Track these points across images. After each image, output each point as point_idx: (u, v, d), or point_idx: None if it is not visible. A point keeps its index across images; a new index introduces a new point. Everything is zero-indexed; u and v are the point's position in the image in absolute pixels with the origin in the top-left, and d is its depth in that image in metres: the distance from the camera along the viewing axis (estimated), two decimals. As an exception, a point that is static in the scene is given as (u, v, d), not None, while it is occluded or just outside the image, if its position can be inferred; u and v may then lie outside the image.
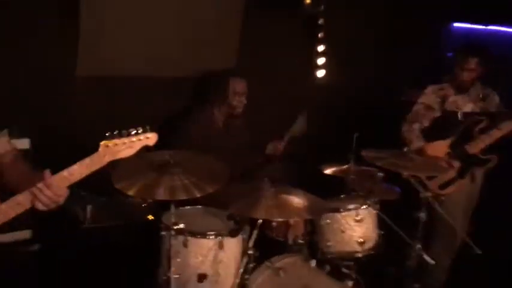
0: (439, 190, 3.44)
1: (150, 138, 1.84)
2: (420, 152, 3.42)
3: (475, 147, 3.46)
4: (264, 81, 4.02)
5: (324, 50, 4.39)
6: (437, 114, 3.52)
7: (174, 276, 2.43)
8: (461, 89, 3.50)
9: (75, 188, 1.79)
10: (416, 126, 3.51)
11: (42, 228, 2.80)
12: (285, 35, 4.17)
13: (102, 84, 3.34)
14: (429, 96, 3.53)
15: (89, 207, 2.99)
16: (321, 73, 4.45)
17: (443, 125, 3.51)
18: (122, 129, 1.83)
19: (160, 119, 3.59)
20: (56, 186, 1.70)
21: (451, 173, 3.46)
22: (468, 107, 3.52)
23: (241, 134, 3.69)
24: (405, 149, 3.06)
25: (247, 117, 3.71)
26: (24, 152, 2.79)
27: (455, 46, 4.27)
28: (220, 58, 3.83)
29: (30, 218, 1.83)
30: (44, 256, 2.87)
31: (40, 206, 1.71)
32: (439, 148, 3.46)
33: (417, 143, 3.46)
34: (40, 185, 1.68)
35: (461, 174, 3.49)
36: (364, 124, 4.10)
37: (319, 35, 4.31)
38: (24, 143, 2.85)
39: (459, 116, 3.49)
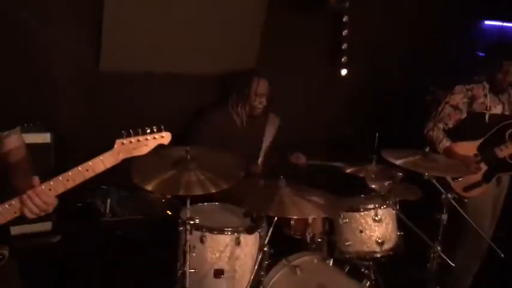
0: (463, 192, 3.38)
1: (165, 137, 1.88)
2: (448, 151, 3.36)
3: (504, 152, 3.39)
4: (287, 79, 4.00)
5: (348, 47, 4.33)
6: (463, 115, 3.43)
7: (190, 270, 2.44)
8: (496, 91, 3.43)
9: (96, 182, 1.82)
10: (441, 126, 3.45)
11: (62, 220, 2.87)
12: (309, 32, 4.14)
13: (125, 78, 3.37)
14: (457, 96, 3.44)
15: (109, 201, 3.04)
16: (344, 71, 4.40)
17: (469, 126, 3.43)
18: (141, 124, 1.86)
19: (181, 115, 3.61)
20: (46, 194, 1.71)
21: (477, 176, 3.39)
22: (497, 109, 3.44)
23: (262, 134, 3.66)
24: (427, 149, 3.00)
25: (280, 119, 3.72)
26: (46, 146, 2.87)
27: (487, 45, 4.17)
28: (241, 57, 3.82)
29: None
30: (65, 247, 2.93)
31: (27, 214, 1.72)
32: (467, 149, 3.39)
33: (445, 142, 3.40)
34: (29, 192, 1.70)
35: (487, 178, 3.42)
36: (387, 123, 4.07)
37: (344, 33, 4.26)
38: (45, 137, 2.90)
39: (486, 118, 3.41)
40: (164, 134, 1.88)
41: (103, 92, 3.32)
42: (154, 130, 1.85)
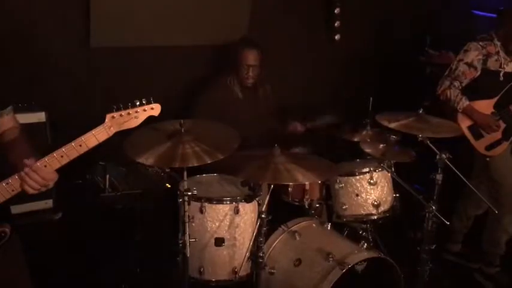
0: (485, 151, 3.42)
1: (155, 108, 1.91)
2: (469, 110, 3.38)
3: None
4: (280, 46, 3.98)
5: (341, 12, 4.30)
6: (478, 73, 3.38)
7: (190, 240, 2.49)
8: (509, 49, 3.39)
9: (95, 158, 1.84)
10: (456, 84, 3.39)
11: (63, 197, 2.91)
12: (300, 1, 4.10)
13: (116, 55, 3.36)
14: (472, 54, 3.37)
15: (108, 176, 3.08)
16: (338, 36, 4.37)
17: (483, 85, 3.40)
18: (135, 98, 1.88)
19: (175, 88, 3.62)
20: (44, 170, 1.73)
21: (497, 134, 3.42)
22: (509, 67, 3.41)
23: (262, 104, 3.64)
24: (420, 111, 3.01)
25: (273, 86, 3.70)
26: (40, 125, 2.89)
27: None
28: (233, 27, 3.78)
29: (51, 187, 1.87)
30: (67, 224, 2.99)
31: (29, 190, 1.75)
32: (484, 107, 3.40)
33: (464, 101, 3.38)
34: (26, 169, 1.72)
35: (506, 136, 3.44)
36: (381, 87, 4.07)
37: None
38: (40, 116, 2.92)
39: (501, 76, 3.39)
40: (154, 105, 1.90)
41: (95, 69, 3.32)
42: (144, 102, 1.88)
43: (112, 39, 3.31)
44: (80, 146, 1.78)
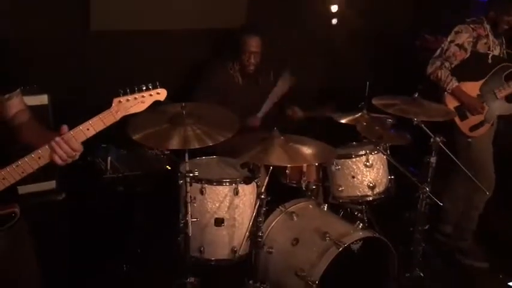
0: (469, 132, 3.50)
1: (161, 93, 1.94)
2: (457, 92, 3.43)
3: (502, 93, 3.49)
4: (277, 30, 4.00)
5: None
6: (467, 55, 3.44)
7: (192, 220, 2.56)
8: (498, 32, 3.46)
9: (96, 140, 1.89)
10: (447, 65, 3.44)
11: (66, 178, 2.95)
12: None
13: (117, 38, 3.38)
14: (463, 35, 3.42)
15: (109, 158, 3.12)
16: (335, 20, 4.39)
17: (472, 66, 3.46)
18: (136, 81, 1.91)
19: (176, 72, 3.64)
20: (73, 141, 1.78)
21: (480, 116, 3.50)
22: (497, 51, 3.49)
23: (262, 91, 3.65)
24: (416, 95, 3.07)
25: (275, 73, 3.71)
26: (43, 108, 2.92)
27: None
28: (231, 9, 3.80)
29: (54, 169, 1.91)
30: (70, 204, 3.04)
31: (57, 160, 1.80)
32: (470, 89, 3.47)
33: (454, 82, 3.43)
34: (58, 139, 1.77)
35: (488, 118, 3.53)
36: (377, 71, 4.11)
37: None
38: (42, 99, 2.94)
39: (489, 58, 3.46)
40: (160, 90, 1.93)
41: (95, 52, 3.34)
42: (150, 87, 1.91)
43: (112, 22, 3.32)
44: (88, 129, 1.82)
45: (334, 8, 4.31)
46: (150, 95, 1.91)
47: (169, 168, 3.22)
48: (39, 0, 3.06)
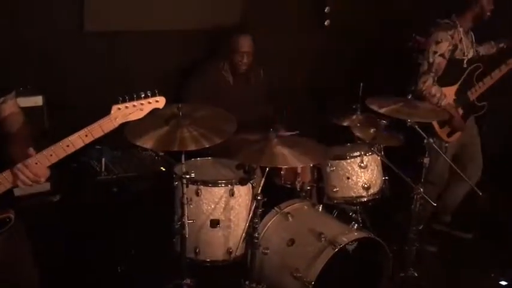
0: (447, 138, 3.52)
1: (159, 101, 1.94)
2: (449, 107, 3.39)
3: (474, 94, 3.53)
4: (271, 32, 4.01)
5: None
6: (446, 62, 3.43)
7: (188, 221, 2.56)
8: (467, 31, 3.45)
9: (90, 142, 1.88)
10: (436, 78, 3.38)
11: (61, 180, 2.94)
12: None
13: (111, 39, 3.37)
14: (443, 45, 3.37)
15: (103, 160, 3.11)
16: (327, 22, 4.41)
17: (447, 72, 3.45)
18: (130, 84, 1.91)
19: (170, 73, 3.64)
20: (36, 166, 1.76)
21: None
22: (470, 53, 3.50)
23: (253, 91, 3.68)
24: (409, 97, 3.11)
25: (265, 71, 3.73)
26: (37, 109, 2.90)
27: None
28: (226, 11, 3.81)
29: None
30: (65, 206, 3.03)
31: (20, 185, 1.79)
32: (448, 94, 3.46)
33: (445, 99, 3.39)
34: (19, 165, 1.75)
35: (464, 120, 3.55)
36: (370, 73, 4.14)
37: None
38: (37, 100, 2.93)
39: (464, 63, 3.49)
40: (159, 98, 1.93)
41: (89, 53, 3.32)
42: (149, 95, 1.91)
43: (106, 23, 3.31)
44: (86, 136, 1.81)
45: (327, 9, 4.33)
46: (149, 102, 1.91)
47: (163, 169, 3.22)
48: (33, 1, 3.03)
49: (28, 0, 3.03)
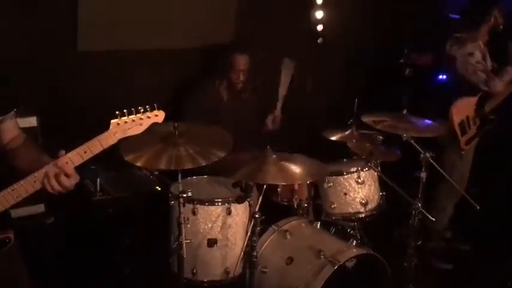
0: (465, 146, 3.57)
1: (159, 115, 1.90)
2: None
3: (488, 106, 3.60)
4: (265, 49, 4.04)
5: (323, 15, 4.38)
6: None
7: (185, 241, 2.52)
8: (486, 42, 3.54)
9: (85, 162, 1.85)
10: (492, 75, 3.47)
11: (55, 201, 2.90)
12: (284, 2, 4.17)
13: (104, 58, 3.37)
14: (477, 54, 3.47)
15: (98, 180, 3.08)
16: (320, 39, 4.45)
17: (470, 82, 3.52)
18: (125, 101, 1.89)
19: (164, 90, 3.64)
20: (68, 166, 1.74)
21: (473, 130, 3.60)
22: (489, 65, 3.56)
23: (249, 107, 3.70)
24: (404, 111, 3.12)
25: (259, 88, 3.75)
26: (32, 130, 2.88)
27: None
28: (219, 29, 3.83)
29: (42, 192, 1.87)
30: (59, 228, 2.99)
31: (48, 187, 1.76)
32: (470, 105, 3.55)
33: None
34: (51, 167, 1.73)
35: (479, 132, 3.63)
36: (365, 88, 4.17)
37: (318, 1, 4.31)
38: (31, 121, 2.90)
39: None
40: (158, 112, 1.89)
41: (83, 72, 3.32)
42: (148, 109, 1.87)
43: (99, 42, 3.32)
44: (85, 152, 1.78)
45: (319, 28, 4.37)
46: (148, 117, 1.87)
47: (159, 189, 3.19)
48: (27, 22, 3.03)
49: (22, 20, 3.03)
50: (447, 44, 3.58)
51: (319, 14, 4.35)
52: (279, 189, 3.11)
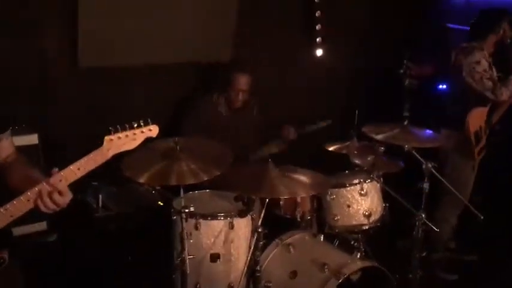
0: (477, 156, 3.56)
1: (153, 130, 1.90)
2: None
3: (495, 117, 3.61)
4: (265, 62, 4.06)
5: (322, 28, 4.40)
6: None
7: (189, 257, 2.51)
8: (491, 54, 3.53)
9: (87, 178, 1.85)
10: (498, 83, 3.45)
11: (57, 218, 2.89)
12: (283, 15, 4.20)
13: (105, 74, 3.39)
14: (484, 63, 3.44)
15: (100, 196, 3.07)
16: (320, 52, 4.47)
17: (481, 93, 3.49)
18: (126, 118, 1.88)
19: (165, 106, 3.65)
20: (61, 184, 1.72)
21: (483, 140, 3.59)
22: (495, 76, 3.55)
23: (246, 122, 3.71)
24: (405, 122, 3.11)
25: (259, 103, 3.76)
26: (33, 148, 2.88)
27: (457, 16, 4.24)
28: (219, 44, 3.86)
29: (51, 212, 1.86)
30: (61, 245, 2.97)
31: (42, 208, 1.73)
32: (482, 114, 3.54)
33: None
34: (44, 185, 1.71)
35: (489, 143, 3.63)
36: (364, 99, 4.17)
37: (317, 14, 4.33)
38: (32, 139, 2.90)
39: None
40: (152, 127, 1.89)
41: (84, 89, 3.33)
42: (142, 124, 1.86)
43: (100, 59, 3.34)
44: (79, 169, 1.76)
45: (319, 40, 4.39)
46: (142, 132, 1.86)
47: (161, 204, 3.18)
48: (28, 39, 3.05)
49: (22, 37, 3.05)
50: (452, 53, 3.57)
51: (318, 27, 4.38)
52: (281, 203, 3.09)
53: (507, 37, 3.51)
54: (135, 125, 1.85)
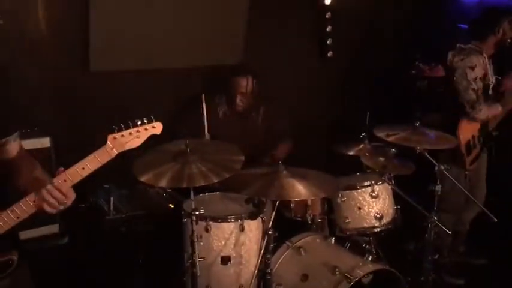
0: (469, 166, 3.47)
1: (156, 127, 1.87)
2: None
3: (492, 124, 3.52)
4: (275, 68, 4.05)
5: (332, 29, 4.39)
6: None
7: (199, 259, 2.51)
8: (491, 56, 3.44)
9: (98, 181, 1.86)
10: (482, 101, 3.34)
11: (68, 221, 2.91)
12: (293, 19, 4.19)
13: (116, 78, 3.41)
14: (479, 70, 3.33)
15: (112, 199, 3.09)
16: (330, 53, 4.45)
17: None
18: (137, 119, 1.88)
19: (175, 109, 3.65)
20: (65, 185, 1.73)
21: (477, 149, 3.50)
22: (493, 80, 3.49)
23: (250, 125, 3.66)
24: (417, 124, 3.09)
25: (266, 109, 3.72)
26: (45, 150, 2.90)
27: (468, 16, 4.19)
28: (229, 49, 3.86)
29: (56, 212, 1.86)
30: (73, 248, 2.99)
31: (47, 208, 1.74)
32: (475, 124, 3.45)
33: (496, 106, 3.41)
34: (49, 186, 1.71)
35: (483, 150, 3.55)
36: (375, 101, 4.15)
37: (327, 15, 4.32)
38: (44, 142, 2.93)
39: (490, 90, 3.47)
40: (155, 124, 1.87)
41: (95, 93, 3.35)
42: (145, 121, 1.84)
43: (111, 63, 3.36)
44: (83, 169, 1.76)
45: (329, 41, 4.38)
46: (146, 129, 1.84)
47: (172, 206, 3.18)
48: (39, 43, 3.08)
49: (34, 42, 3.08)
50: (449, 54, 3.45)
51: (328, 28, 4.37)
52: (292, 205, 3.07)
53: (507, 38, 3.39)
54: (139, 123, 1.83)
